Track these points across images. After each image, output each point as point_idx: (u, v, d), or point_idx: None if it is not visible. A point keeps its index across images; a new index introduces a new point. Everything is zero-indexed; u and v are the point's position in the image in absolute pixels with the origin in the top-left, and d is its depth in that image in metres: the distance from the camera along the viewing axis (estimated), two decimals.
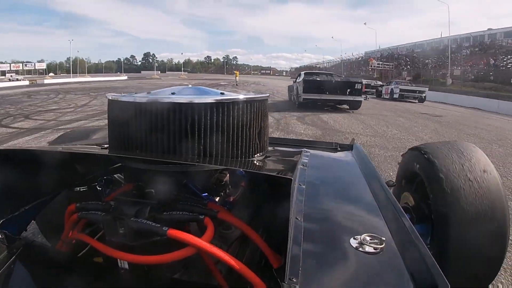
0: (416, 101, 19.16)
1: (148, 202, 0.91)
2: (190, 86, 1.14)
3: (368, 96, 14.22)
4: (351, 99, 11.74)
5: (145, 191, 0.98)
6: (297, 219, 0.82)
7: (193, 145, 0.95)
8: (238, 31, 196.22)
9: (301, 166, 1.17)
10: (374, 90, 24.41)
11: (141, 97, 0.98)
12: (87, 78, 42.24)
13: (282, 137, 5.78)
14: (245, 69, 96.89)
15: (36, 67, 68.90)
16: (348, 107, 12.16)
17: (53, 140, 1.95)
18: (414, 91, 19.74)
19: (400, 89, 19.85)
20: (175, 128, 0.94)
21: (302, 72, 13.36)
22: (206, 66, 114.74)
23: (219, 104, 0.97)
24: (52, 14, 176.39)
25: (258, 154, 1.10)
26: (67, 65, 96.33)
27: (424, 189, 1.44)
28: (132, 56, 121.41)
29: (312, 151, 1.53)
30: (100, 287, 0.82)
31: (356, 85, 11.67)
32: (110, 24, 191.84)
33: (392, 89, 20.81)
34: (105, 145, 1.16)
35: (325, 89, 11.52)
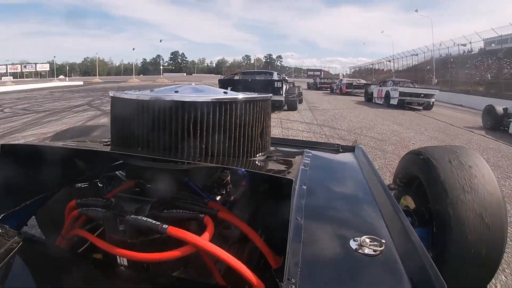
0: (421, 108, 14.46)
1: (148, 200, 0.91)
2: (193, 84, 1.14)
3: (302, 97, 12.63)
4: None
5: (146, 188, 0.98)
6: (297, 219, 0.83)
7: (195, 144, 0.95)
8: (291, 35, 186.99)
9: (303, 167, 1.18)
10: (363, 91, 19.68)
11: (143, 95, 0.98)
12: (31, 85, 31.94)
13: (285, 137, 5.71)
14: (287, 71, 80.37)
15: (38, 69, 62.21)
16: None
17: (52, 136, 1.95)
18: (419, 95, 14.60)
19: (400, 92, 14.58)
20: (177, 126, 0.94)
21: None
22: (244, 67, 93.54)
23: (221, 103, 0.97)
24: (108, 18, 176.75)
25: (259, 154, 1.10)
26: (86, 66, 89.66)
27: (423, 192, 1.44)
28: (158, 56, 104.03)
29: (314, 152, 1.54)
30: (99, 284, 0.82)
31: (276, 83, 10.57)
32: (164, 27, 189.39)
33: (388, 91, 15.37)
34: (107, 142, 1.16)
35: (242, 89, 10.04)
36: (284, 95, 10.66)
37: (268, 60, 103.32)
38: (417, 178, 1.52)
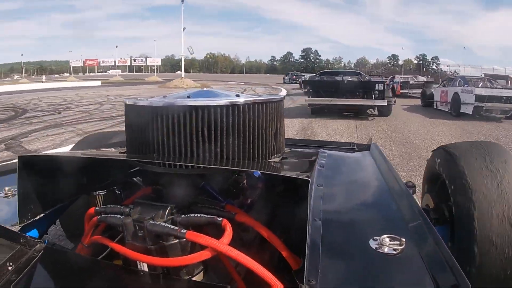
0: (503, 116, 9.36)
1: (166, 205, 0.91)
2: (205, 89, 1.15)
3: (395, 99, 10.28)
4: (370, 103, 9.37)
5: (163, 194, 0.99)
6: (315, 220, 0.82)
7: (210, 148, 0.95)
8: (445, 40, 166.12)
9: (319, 167, 1.17)
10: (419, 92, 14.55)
11: (157, 101, 0.99)
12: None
13: (299, 138, 5.65)
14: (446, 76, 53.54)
15: (148, 63, 59.70)
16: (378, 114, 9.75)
17: (73, 146, 1.99)
18: (500, 98, 9.33)
19: (476, 95, 9.34)
20: (191, 131, 0.94)
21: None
22: (389, 67, 73.31)
23: (234, 106, 0.97)
24: (261, 21, 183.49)
25: (274, 156, 1.10)
26: (208, 62, 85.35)
27: (445, 190, 1.40)
28: (289, 53, 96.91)
29: (329, 152, 1.53)
30: None
31: (377, 85, 9.09)
32: (316, 30, 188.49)
33: (457, 94, 10.18)
34: (123, 149, 1.18)
35: (336, 92, 9.29)
36: (386, 99, 9.22)
37: (421, 61, 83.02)
38: (440, 175, 1.47)
